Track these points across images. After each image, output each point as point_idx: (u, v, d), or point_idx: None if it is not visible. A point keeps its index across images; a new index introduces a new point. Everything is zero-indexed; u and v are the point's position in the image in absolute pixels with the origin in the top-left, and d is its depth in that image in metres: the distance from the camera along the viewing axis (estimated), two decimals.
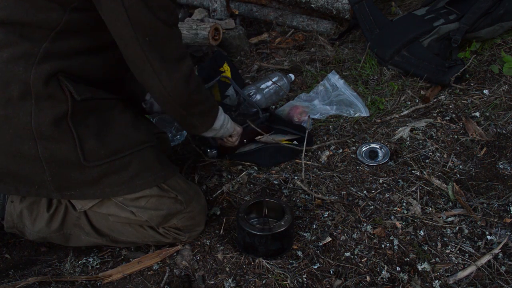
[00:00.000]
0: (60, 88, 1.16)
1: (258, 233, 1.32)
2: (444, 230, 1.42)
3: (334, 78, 2.19)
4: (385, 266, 1.31)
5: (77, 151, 1.18)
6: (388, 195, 1.57)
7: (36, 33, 1.13)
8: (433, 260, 1.32)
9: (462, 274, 1.27)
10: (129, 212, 1.32)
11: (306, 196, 1.60)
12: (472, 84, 2.07)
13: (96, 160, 1.21)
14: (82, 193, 1.26)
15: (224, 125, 1.54)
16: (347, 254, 1.36)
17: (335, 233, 1.44)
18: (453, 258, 1.32)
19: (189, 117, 1.37)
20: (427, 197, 1.55)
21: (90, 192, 1.26)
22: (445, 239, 1.39)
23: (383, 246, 1.38)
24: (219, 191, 1.64)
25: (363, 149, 1.79)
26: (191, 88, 1.28)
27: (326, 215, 1.51)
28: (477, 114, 1.89)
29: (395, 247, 1.37)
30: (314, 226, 1.47)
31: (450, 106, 1.96)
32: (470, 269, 1.28)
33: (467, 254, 1.33)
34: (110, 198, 1.29)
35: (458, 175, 1.64)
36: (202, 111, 1.40)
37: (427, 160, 1.71)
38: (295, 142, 1.84)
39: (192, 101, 1.32)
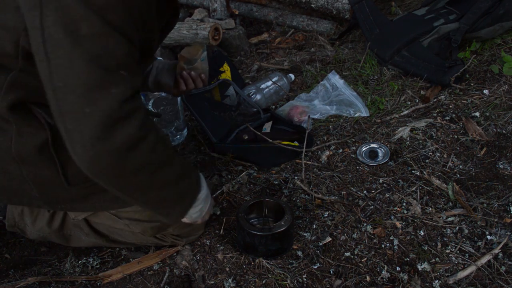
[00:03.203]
0: (34, 116, 1.08)
1: (258, 233, 1.32)
2: (444, 230, 1.42)
3: (334, 78, 2.19)
4: (385, 266, 1.31)
5: (60, 176, 1.13)
6: (388, 195, 1.57)
7: (5, 61, 1.01)
8: (433, 260, 1.32)
9: (462, 274, 1.27)
10: (123, 224, 1.32)
11: (306, 196, 1.60)
12: (472, 84, 2.07)
13: (80, 183, 1.16)
14: (72, 207, 1.24)
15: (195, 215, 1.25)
16: (347, 254, 1.36)
17: (335, 233, 1.44)
18: (453, 258, 1.32)
19: (129, 200, 1.10)
20: (427, 197, 1.55)
21: (80, 206, 1.23)
22: (445, 239, 1.39)
23: (383, 246, 1.38)
24: (219, 191, 1.64)
25: (363, 149, 1.79)
26: (130, 167, 0.95)
27: (326, 215, 1.51)
28: (477, 114, 1.89)
29: (395, 247, 1.37)
30: (314, 226, 1.47)
31: (450, 106, 1.96)
32: (470, 269, 1.28)
33: (467, 254, 1.33)
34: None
35: (458, 175, 1.64)
36: (159, 200, 1.10)
37: (427, 160, 1.71)
38: (295, 142, 1.84)
39: (133, 184, 1.02)
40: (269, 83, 2.21)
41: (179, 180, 1.11)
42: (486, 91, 1.99)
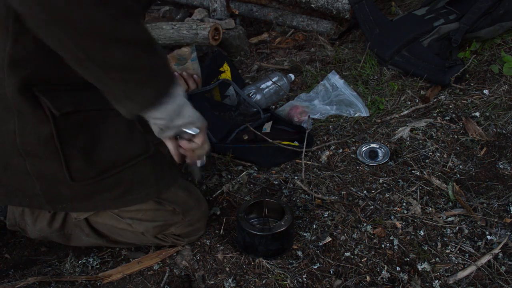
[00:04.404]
0: (39, 105, 1.05)
1: (258, 233, 1.32)
2: (444, 230, 1.42)
3: (334, 78, 2.19)
4: (385, 266, 1.31)
5: (64, 171, 1.11)
6: (388, 195, 1.57)
7: None
8: (433, 260, 1.32)
9: (462, 274, 1.27)
10: (125, 224, 1.31)
11: (306, 196, 1.60)
12: (472, 84, 2.07)
13: (84, 180, 1.15)
14: (74, 207, 1.22)
15: (181, 114, 1.05)
16: (347, 254, 1.36)
17: (335, 233, 1.44)
18: (453, 258, 1.32)
19: (94, 71, 0.89)
20: (427, 197, 1.55)
21: (82, 206, 1.22)
22: (445, 239, 1.39)
23: (383, 246, 1.38)
24: (219, 191, 1.64)
25: (363, 149, 1.79)
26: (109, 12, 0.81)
27: (326, 215, 1.51)
28: (477, 114, 1.89)
29: (395, 247, 1.37)
30: (314, 226, 1.47)
31: (450, 106, 1.96)
32: (470, 269, 1.28)
33: (467, 254, 1.33)
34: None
35: (458, 175, 1.64)
36: (125, 65, 0.89)
37: (427, 160, 1.71)
38: (295, 142, 1.84)
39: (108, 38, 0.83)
40: (269, 83, 2.21)
41: (152, 49, 0.91)
42: (486, 91, 1.99)
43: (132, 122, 1.27)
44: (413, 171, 1.66)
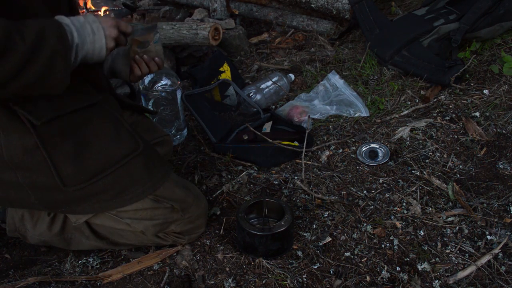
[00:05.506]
0: (18, 118, 1.06)
1: (258, 233, 1.32)
2: (444, 230, 1.42)
3: (334, 78, 2.19)
4: (385, 266, 1.31)
5: (55, 178, 1.12)
6: (388, 195, 1.57)
7: None
8: (433, 260, 1.32)
9: (462, 274, 1.27)
10: (124, 224, 1.31)
11: (306, 196, 1.60)
12: (472, 84, 2.07)
13: (76, 185, 1.15)
14: (72, 209, 1.23)
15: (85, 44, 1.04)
16: (347, 254, 1.36)
17: (335, 233, 1.44)
18: (453, 258, 1.32)
19: None
20: (427, 197, 1.55)
21: (79, 209, 1.22)
22: (445, 239, 1.39)
23: (383, 246, 1.38)
24: (219, 191, 1.64)
25: (363, 149, 1.79)
26: None
27: (326, 215, 1.51)
28: (477, 114, 1.89)
29: (395, 247, 1.37)
30: (314, 226, 1.47)
31: (450, 106, 1.96)
32: (470, 269, 1.28)
33: (467, 254, 1.33)
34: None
35: (458, 175, 1.64)
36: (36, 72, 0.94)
37: (427, 160, 1.71)
38: (295, 142, 1.84)
39: None
40: (269, 83, 2.21)
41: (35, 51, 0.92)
42: (486, 91, 1.99)
43: (119, 122, 1.27)
44: (413, 171, 1.66)
